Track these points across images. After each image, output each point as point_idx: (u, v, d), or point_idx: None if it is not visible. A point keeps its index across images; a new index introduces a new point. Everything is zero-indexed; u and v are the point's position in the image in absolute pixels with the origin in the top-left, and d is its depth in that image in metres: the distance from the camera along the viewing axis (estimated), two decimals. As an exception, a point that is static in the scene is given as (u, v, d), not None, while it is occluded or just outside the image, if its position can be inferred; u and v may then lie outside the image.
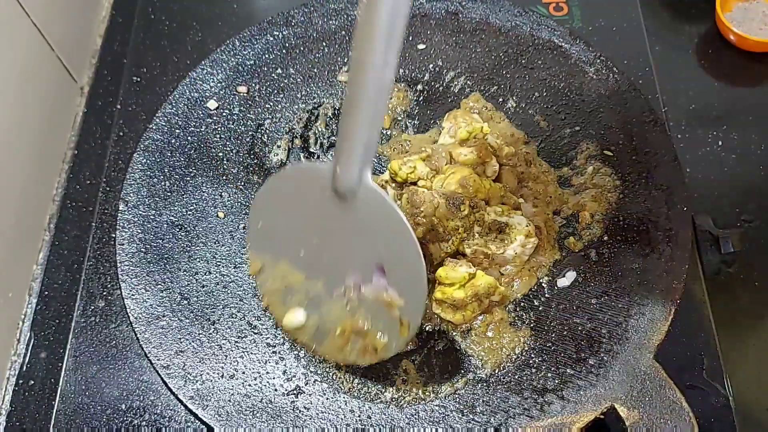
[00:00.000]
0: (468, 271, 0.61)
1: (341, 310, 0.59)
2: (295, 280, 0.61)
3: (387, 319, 0.57)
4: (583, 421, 0.57)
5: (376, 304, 0.57)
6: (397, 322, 0.57)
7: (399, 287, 0.56)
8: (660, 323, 0.61)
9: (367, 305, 0.58)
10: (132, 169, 0.71)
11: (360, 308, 0.58)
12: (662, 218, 0.66)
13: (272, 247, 0.62)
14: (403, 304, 0.57)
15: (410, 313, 0.57)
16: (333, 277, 0.59)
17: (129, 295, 0.64)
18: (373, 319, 0.58)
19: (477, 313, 0.63)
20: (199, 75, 0.76)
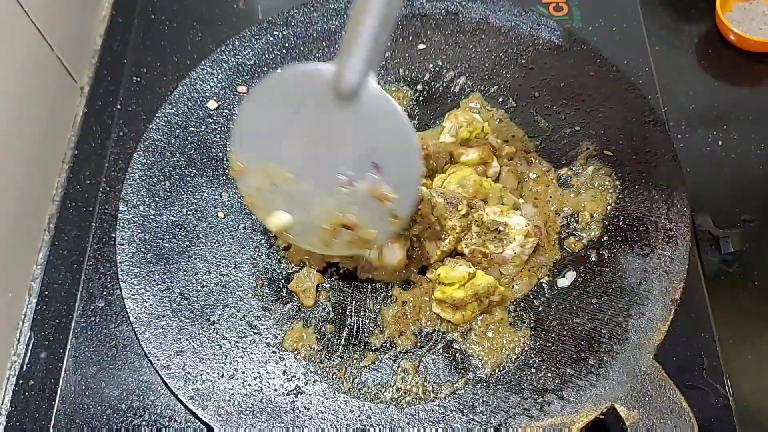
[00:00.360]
0: (468, 271, 0.61)
1: (330, 207, 0.60)
2: (282, 179, 0.61)
3: (378, 212, 0.59)
4: (583, 421, 0.57)
5: (367, 199, 0.59)
6: (388, 215, 0.59)
7: (393, 182, 0.58)
8: (660, 323, 0.61)
9: (358, 200, 0.59)
10: (132, 169, 0.71)
11: (350, 203, 0.59)
12: (662, 218, 0.66)
13: (260, 148, 0.61)
14: (396, 198, 0.58)
15: (402, 206, 0.58)
16: (324, 176, 0.59)
17: (129, 295, 0.64)
18: (363, 213, 0.60)
19: (477, 313, 0.63)
20: (199, 75, 0.76)
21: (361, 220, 0.60)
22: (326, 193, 0.60)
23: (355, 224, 0.60)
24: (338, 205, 0.60)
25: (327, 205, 0.60)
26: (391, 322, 0.64)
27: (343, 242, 0.61)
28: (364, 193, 0.59)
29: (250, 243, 0.68)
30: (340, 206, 0.60)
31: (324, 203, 0.60)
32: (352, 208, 0.60)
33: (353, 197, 0.59)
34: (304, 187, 0.60)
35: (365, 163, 0.58)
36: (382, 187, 0.58)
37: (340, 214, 0.60)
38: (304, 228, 0.62)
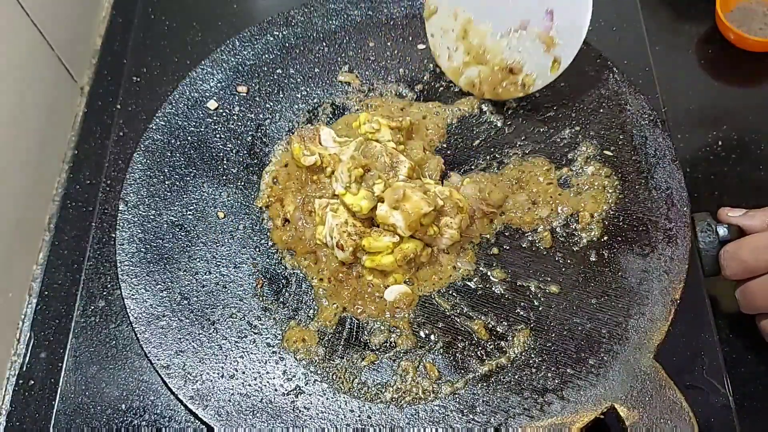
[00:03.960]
0: (392, 240, 0.63)
1: (502, 47, 0.70)
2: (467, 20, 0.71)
3: (541, 56, 0.68)
4: (583, 421, 0.57)
5: (535, 43, 0.68)
6: (550, 60, 0.68)
7: (563, 30, 0.67)
8: (660, 323, 0.61)
9: (527, 45, 0.68)
10: (132, 169, 0.71)
11: (518, 48, 0.69)
12: (662, 218, 0.66)
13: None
14: (561, 44, 0.67)
15: (566, 53, 0.67)
16: (503, 17, 0.69)
17: (129, 295, 0.64)
18: (528, 58, 0.69)
19: (407, 276, 0.65)
20: (199, 75, 0.76)
21: (526, 61, 0.69)
22: (499, 35, 0.69)
23: (520, 68, 0.69)
24: (507, 49, 0.69)
25: (498, 47, 0.70)
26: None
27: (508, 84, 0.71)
28: (534, 38, 0.68)
29: (250, 243, 0.68)
30: (509, 50, 0.69)
31: (496, 45, 0.70)
32: (518, 53, 0.69)
33: (522, 41, 0.68)
34: (482, 28, 0.70)
35: (542, 9, 0.67)
36: (551, 33, 0.67)
37: (509, 54, 0.70)
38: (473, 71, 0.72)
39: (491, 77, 0.71)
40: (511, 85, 0.71)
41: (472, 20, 0.71)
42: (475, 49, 0.71)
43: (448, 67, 0.74)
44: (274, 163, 0.72)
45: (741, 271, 0.63)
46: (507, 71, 0.70)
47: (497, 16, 0.69)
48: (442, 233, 0.65)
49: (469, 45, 0.72)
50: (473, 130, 0.74)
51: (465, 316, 0.64)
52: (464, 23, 0.71)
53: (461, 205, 0.65)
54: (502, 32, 0.69)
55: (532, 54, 0.69)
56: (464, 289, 0.65)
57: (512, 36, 0.69)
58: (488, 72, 0.71)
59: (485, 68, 0.71)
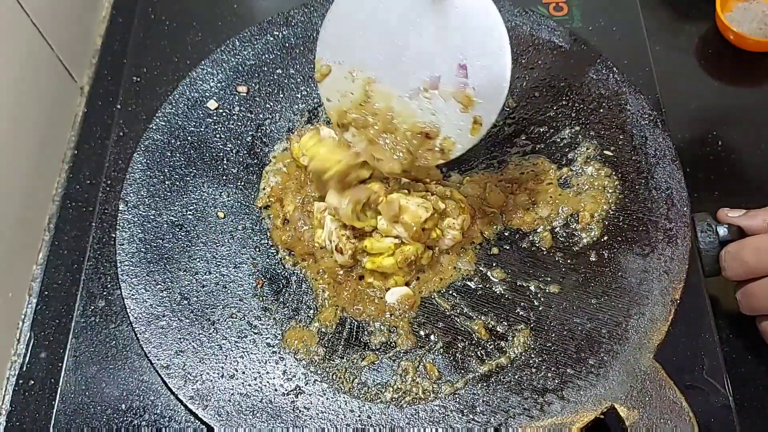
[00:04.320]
0: (393, 241, 0.63)
1: (411, 112, 0.60)
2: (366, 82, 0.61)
3: (459, 117, 0.59)
4: (583, 421, 0.57)
5: (450, 103, 0.59)
6: (470, 121, 0.58)
7: (479, 85, 0.57)
8: (660, 323, 0.61)
9: (440, 106, 0.59)
10: (132, 169, 0.71)
11: (431, 110, 0.59)
12: (662, 218, 0.66)
13: (346, 50, 0.61)
14: (481, 102, 0.58)
15: (487, 111, 0.58)
16: (408, 78, 0.60)
17: (129, 295, 0.64)
18: (445, 117, 0.59)
19: (408, 278, 0.64)
20: (199, 75, 0.76)
21: (442, 124, 0.60)
22: (408, 97, 0.59)
23: (436, 132, 0.60)
24: (419, 111, 0.60)
25: (408, 110, 0.60)
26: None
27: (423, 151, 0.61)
28: (448, 97, 0.58)
29: (250, 243, 0.68)
30: (421, 112, 0.59)
31: (405, 108, 0.60)
32: (432, 115, 0.59)
33: (435, 102, 0.59)
34: (386, 90, 0.60)
35: (453, 64, 0.57)
36: (467, 90, 0.57)
37: (421, 118, 0.60)
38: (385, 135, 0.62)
39: (405, 144, 0.61)
40: (428, 152, 0.62)
41: (372, 80, 0.61)
42: (382, 115, 0.62)
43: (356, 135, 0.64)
44: (274, 163, 0.73)
45: (742, 272, 0.63)
46: (423, 137, 0.61)
47: (401, 74, 0.60)
48: (444, 234, 0.65)
49: (373, 109, 0.62)
50: (473, 130, 0.74)
51: (465, 316, 0.64)
52: (364, 85, 0.62)
53: (463, 205, 0.65)
54: (411, 93, 0.60)
55: (448, 115, 0.59)
56: (464, 289, 0.65)
57: (422, 97, 0.59)
58: (403, 138, 0.61)
59: (397, 135, 0.61)
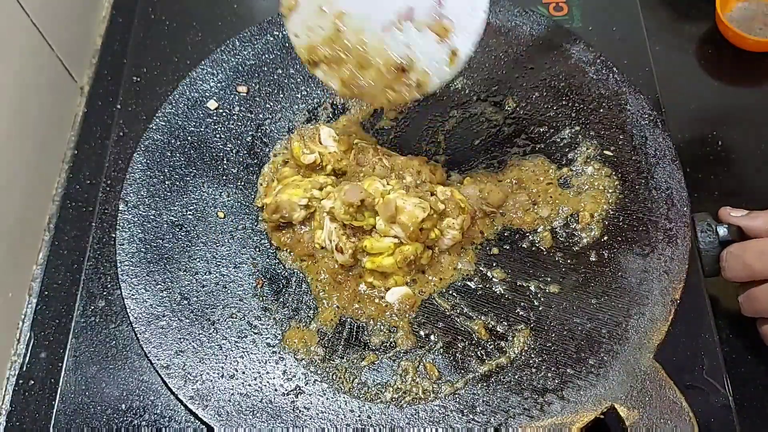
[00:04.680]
0: (393, 241, 0.63)
1: (384, 45, 0.57)
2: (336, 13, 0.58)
3: (435, 49, 0.56)
4: (583, 421, 0.57)
5: (425, 34, 0.56)
6: (447, 52, 0.56)
7: (456, 14, 0.55)
8: (660, 323, 0.61)
9: (415, 37, 0.56)
10: (132, 169, 0.71)
11: (406, 40, 0.56)
12: (662, 218, 0.66)
13: None
14: (457, 32, 0.55)
15: (464, 41, 0.55)
16: (381, 8, 0.57)
17: (129, 295, 0.64)
18: (420, 49, 0.56)
19: (407, 278, 0.64)
20: (199, 75, 0.76)
21: (418, 56, 0.57)
22: (381, 29, 0.56)
23: (411, 65, 0.57)
24: (393, 44, 0.57)
25: (381, 44, 0.57)
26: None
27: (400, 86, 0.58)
28: (423, 28, 0.55)
29: (250, 243, 0.68)
30: (396, 45, 0.57)
31: (378, 42, 0.57)
32: (407, 48, 0.56)
33: (409, 35, 0.56)
34: (358, 22, 0.57)
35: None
36: (443, 20, 0.55)
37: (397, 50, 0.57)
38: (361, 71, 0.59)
39: (381, 79, 0.59)
40: (403, 86, 0.59)
41: (344, 14, 0.58)
42: (354, 49, 0.59)
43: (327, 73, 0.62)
44: (273, 163, 0.73)
45: (744, 275, 0.63)
46: (397, 71, 0.58)
47: (373, 6, 0.57)
48: (444, 234, 0.65)
49: (346, 45, 0.59)
50: (473, 130, 0.74)
51: (465, 316, 0.64)
52: (335, 18, 0.58)
53: (463, 205, 0.65)
54: (384, 25, 0.57)
55: (423, 48, 0.57)
56: (464, 289, 0.65)
57: (396, 29, 0.56)
58: (375, 74, 0.59)
59: (371, 71, 0.59)
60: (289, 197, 0.65)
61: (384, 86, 0.59)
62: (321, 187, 0.67)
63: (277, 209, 0.66)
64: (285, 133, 0.74)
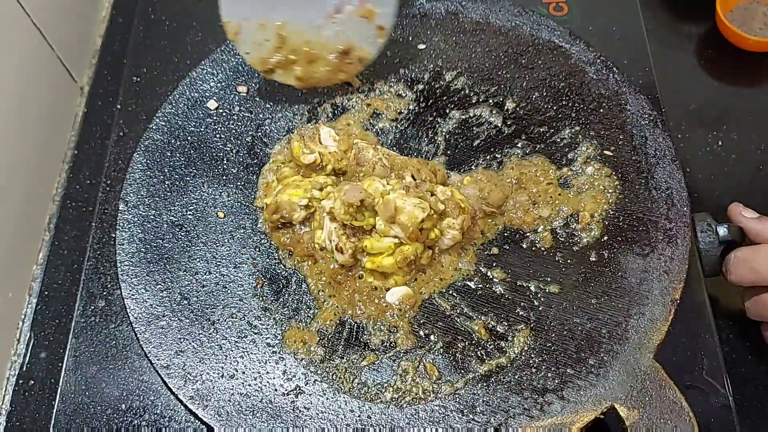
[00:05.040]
0: (393, 241, 0.63)
1: (326, 38, 0.70)
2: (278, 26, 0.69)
3: (366, 29, 0.70)
4: (583, 421, 0.57)
5: (355, 21, 0.69)
6: (375, 29, 0.70)
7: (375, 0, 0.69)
8: (660, 323, 0.61)
9: (347, 25, 0.70)
10: (132, 169, 0.71)
11: (341, 32, 0.70)
12: (662, 218, 0.66)
13: (250, 6, 0.69)
14: (380, 11, 0.69)
15: (386, 15, 0.70)
16: (314, 10, 0.69)
17: (129, 295, 0.64)
18: (354, 33, 0.70)
19: (408, 278, 0.65)
20: (199, 75, 0.76)
21: (354, 38, 0.70)
22: (318, 26, 0.69)
23: (351, 47, 0.70)
24: (332, 36, 0.70)
25: (322, 38, 0.70)
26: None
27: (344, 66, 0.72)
28: (352, 15, 0.69)
29: (250, 243, 0.68)
30: (334, 36, 0.70)
31: (319, 38, 0.70)
32: (344, 35, 0.70)
33: (342, 24, 0.69)
34: (298, 27, 0.70)
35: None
36: (367, 5, 0.69)
37: (335, 39, 0.70)
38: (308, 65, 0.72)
39: (330, 66, 0.71)
40: (348, 65, 0.72)
41: (285, 24, 0.70)
42: (300, 49, 0.71)
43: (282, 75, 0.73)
44: (272, 163, 0.73)
45: (751, 279, 0.62)
46: (341, 54, 0.71)
47: (307, 10, 0.69)
48: (444, 234, 0.65)
49: (292, 47, 0.71)
50: (473, 130, 0.74)
51: (465, 316, 0.64)
52: (277, 30, 0.70)
53: (463, 205, 0.65)
54: (320, 23, 0.69)
55: (356, 31, 0.70)
56: (464, 289, 0.65)
57: (331, 23, 0.69)
58: (324, 63, 0.71)
59: (320, 61, 0.71)
60: (290, 197, 0.66)
61: (334, 70, 0.71)
62: (321, 188, 0.67)
63: (277, 209, 0.66)
64: (285, 133, 0.74)
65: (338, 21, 0.69)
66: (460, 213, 0.65)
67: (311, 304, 0.65)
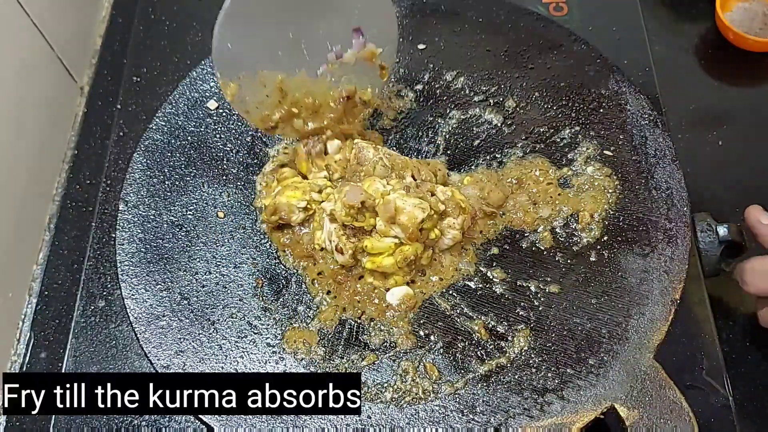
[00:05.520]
0: (393, 241, 0.63)
1: (327, 84, 0.68)
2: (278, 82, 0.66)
3: (368, 71, 0.69)
4: (583, 421, 0.57)
5: (356, 63, 0.68)
6: (377, 69, 0.69)
7: (375, 39, 0.67)
8: (660, 323, 0.61)
9: (349, 69, 0.68)
10: (132, 169, 0.71)
11: (343, 74, 0.68)
12: (662, 218, 0.66)
13: (246, 62, 0.65)
14: (381, 51, 0.68)
15: (388, 54, 0.68)
16: (313, 60, 0.66)
17: (129, 295, 0.64)
18: (357, 76, 0.68)
19: (408, 278, 0.65)
20: (199, 75, 0.76)
21: (358, 85, 0.68)
22: (319, 76, 0.67)
23: (354, 91, 0.68)
24: (334, 83, 0.68)
25: (324, 86, 0.68)
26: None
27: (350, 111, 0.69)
28: (353, 59, 0.67)
29: (250, 243, 0.68)
30: (336, 82, 0.68)
31: (321, 86, 0.67)
32: (345, 77, 0.68)
33: (344, 69, 0.67)
34: (298, 80, 0.67)
35: (348, 31, 0.66)
36: (367, 47, 0.67)
37: (338, 86, 0.68)
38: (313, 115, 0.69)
39: (334, 114, 0.68)
40: (353, 109, 0.70)
41: (282, 78, 0.66)
42: (303, 101, 0.67)
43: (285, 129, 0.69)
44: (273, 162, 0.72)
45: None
46: (345, 100, 0.68)
47: (306, 61, 0.66)
48: (444, 234, 0.65)
49: (294, 101, 0.67)
50: (473, 130, 0.74)
51: (465, 316, 0.64)
52: (277, 84, 0.66)
53: (463, 205, 0.65)
54: (321, 72, 0.67)
55: (358, 74, 0.68)
56: (464, 289, 0.65)
57: (332, 70, 0.67)
58: (328, 111, 0.68)
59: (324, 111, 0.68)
60: (288, 199, 0.66)
61: (339, 116, 0.69)
62: (320, 190, 0.67)
63: (276, 211, 0.66)
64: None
65: (340, 66, 0.67)
66: (461, 213, 0.65)
67: (311, 304, 0.65)
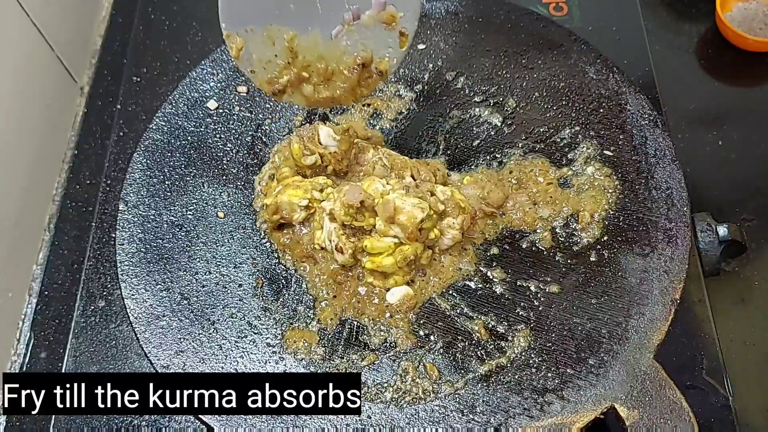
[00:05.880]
0: (393, 241, 0.63)
1: (342, 49, 0.61)
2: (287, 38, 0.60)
3: (387, 36, 0.61)
4: (583, 421, 0.57)
5: (375, 27, 0.61)
6: (397, 36, 0.62)
7: (396, 1, 0.60)
8: (660, 323, 0.61)
9: (365, 33, 0.61)
10: (132, 169, 0.71)
11: (359, 38, 0.61)
12: (662, 218, 0.66)
13: (255, 13, 0.59)
14: (402, 15, 0.61)
15: (409, 20, 0.62)
16: (328, 18, 0.60)
17: (129, 295, 0.64)
18: (374, 42, 0.62)
19: (408, 278, 0.64)
20: (199, 75, 0.76)
21: (374, 51, 0.62)
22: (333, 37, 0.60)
23: (370, 58, 0.61)
24: (349, 47, 0.61)
25: (338, 50, 0.61)
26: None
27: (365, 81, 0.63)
28: (371, 21, 0.60)
29: (250, 243, 0.68)
30: (351, 46, 0.61)
31: (334, 50, 0.61)
32: (362, 44, 0.61)
33: (361, 32, 0.61)
34: (311, 39, 0.60)
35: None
36: (388, 8, 0.60)
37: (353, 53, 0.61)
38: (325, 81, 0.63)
39: (347, 82, 0.63)
40: (367, 79, 0.64)
41: (295, 35, 0.60)
42: (314, 65, 0.62)
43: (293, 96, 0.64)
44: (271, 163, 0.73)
45: None
46: (359, 68, 0.62)
47: (320, 19, 0.60)
48: (444, 234, 0.65)
49: (304, 64, 0.62)
50: (473, 130, 0.74)
51: (465, 316, 0.64)
52: (288, 43, 0.60)
53: (463, 205, 0.65)
54: (335, 33, 0.60)
55: (376, 39, 0.61)
56: (464, 289, 0.65)
57: (347, 32, 0.60)
58: (342, 79, 0.62)
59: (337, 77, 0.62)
60: (290, 198, 0.66)
61: (352, 86, 0.63)
62: (321, 189, 0.67)
63: (277, 210, 0.66)
64: (285, 134, 0.74)
65: (356, 28, 0.60)
66: (460, 213, 0.65)
67: (311, 304, 0.65)
